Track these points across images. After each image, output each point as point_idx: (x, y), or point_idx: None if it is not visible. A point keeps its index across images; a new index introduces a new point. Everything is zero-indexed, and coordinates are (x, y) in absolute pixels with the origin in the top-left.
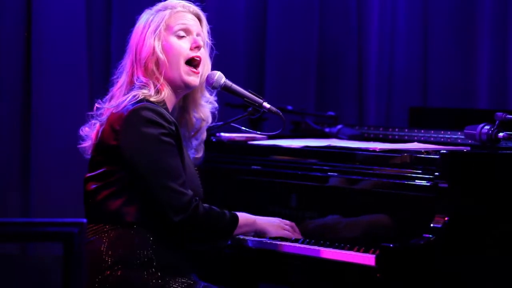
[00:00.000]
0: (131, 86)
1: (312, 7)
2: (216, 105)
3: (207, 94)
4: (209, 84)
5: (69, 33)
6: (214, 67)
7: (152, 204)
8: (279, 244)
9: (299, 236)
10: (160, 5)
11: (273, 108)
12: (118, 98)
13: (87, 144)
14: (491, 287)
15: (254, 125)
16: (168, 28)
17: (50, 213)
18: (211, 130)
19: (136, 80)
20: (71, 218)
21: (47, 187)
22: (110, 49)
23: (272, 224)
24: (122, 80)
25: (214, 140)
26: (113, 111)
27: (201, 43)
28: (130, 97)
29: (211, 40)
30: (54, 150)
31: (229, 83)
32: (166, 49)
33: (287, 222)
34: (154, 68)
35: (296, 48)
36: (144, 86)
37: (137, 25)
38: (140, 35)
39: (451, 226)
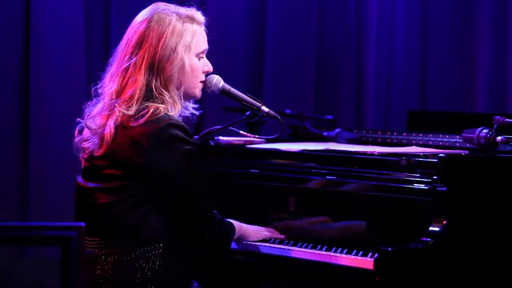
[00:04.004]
0: (146, 93)
1: (311, 11)
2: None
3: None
4: (208, 88)
5: (68, 35)
6: (213, 71)
7: (180, 220)
8: (272, 247)
9: (281, 237)
10: (183, 13)
11: (272, 112)
12: (135, 104)
13: (88, 144)
14: None
15: (253, 129)
16: (196, 47)
17: (48, 217)
18: (209, 134)
19: (155, 90)
20: (69, 222)
21: (46, 191)
22: (109, 51)
23: (252, 230)
24: (139, 83)
25: (212, 144)
26: (132, 124)
27: (211, 67)
28: (150, 111)
29: (207, 53)
30: (53, 154)
31: (228, 86)
32: (191, 68)
33: (265, 228)
34: (175, 84)
35: (295, 52)
36: (164, 100)
37: (156, 24)
38: (168, 42)
39: (449, 230)
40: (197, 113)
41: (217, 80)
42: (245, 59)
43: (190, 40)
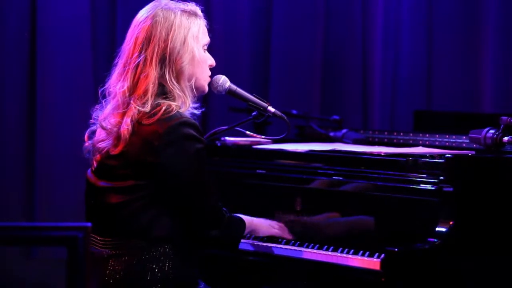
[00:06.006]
0: (159, 88)
1: (317, 11)
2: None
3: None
4: (214, 88)
5: (74, 35)
6: (219, 71)
7: (189, 219)
8: (280, 247)
9: (289, 237)
10: (186, 8)
11: (278, 112)
12: (150, 99)
13: (104, 144)
14: None
15: (259, 129)
16: (202, 39)
17: (54, 217)
18: (215, 135)
19: (168, 83)
20: (75, 222)
21: (51, 191)
22: (115, 51)
23: (264, 224)
24: (152, 78)
25: (218, 144)
26: (144, 122)
27: (214, 61)
28: (163, 109)
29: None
30: (59, 154)
31: (234, 87)
32: (201, 60)
33: (277, 223)
34: (186, 76)
35: (301, 52)
36: (175, 95)
37: (162, 19)
38: (177, 35)
39: (456, 230)
40: (197, 112)
41: (224, 81)
42: (251, 59)
43: (197, 31)
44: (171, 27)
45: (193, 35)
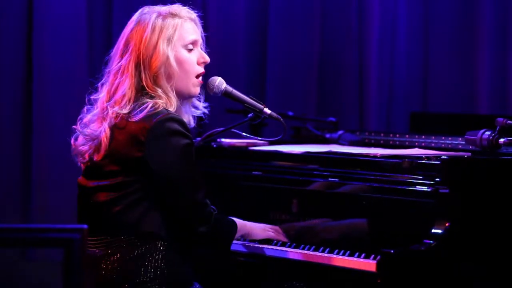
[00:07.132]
0: (137, 92)
1: (313, 13)
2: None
3: (196, 101)
4: (210, 90)
5: (70, 35)
6: (215, 72)
7: (176, 214)
8: (274, 249)
9: (284, 239)
10: (164, 10)
11: (274, 114)
12: (129, 103)
13: (85, 147)
14: None
15: (255, 131)
16: (180, 39)
17: (50, 219)
18: (211, 136)
19: (148, 88)
20: (71, 223)
21: (48, 193)
22: (111, 52)
23: (258, 228)
24: (128, 83)
25: (214, 146)
26: (130, 120)
27: (208, 58)
28: (149, 106)
29: (206, 49)
30: (55, 155)
31: (230, 88)
32: (178, 61)
33: (271, 226)
34: (164, 78)
35: (298, 54)
36: (158, 96)
37: (138, 26)
38: (150, 39)
39: (452, 232)
40: (207, 111)
41: (220, 82)
42: (247, 61)
43: (171, 33)
44: (144, 32)
45: (165, 38)
